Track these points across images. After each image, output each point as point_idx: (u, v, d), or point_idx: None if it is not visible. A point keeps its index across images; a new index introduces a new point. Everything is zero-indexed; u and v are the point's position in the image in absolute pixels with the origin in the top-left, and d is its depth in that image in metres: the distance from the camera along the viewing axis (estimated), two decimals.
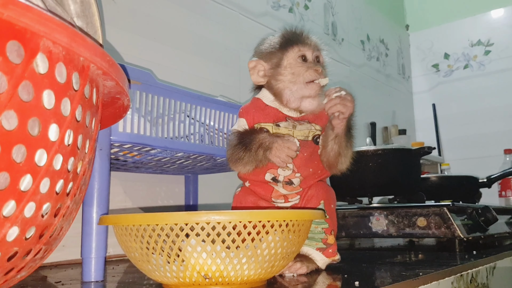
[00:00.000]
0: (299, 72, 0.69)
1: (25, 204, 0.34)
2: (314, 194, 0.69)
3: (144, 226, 0.49)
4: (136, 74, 0.73)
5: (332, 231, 0.69)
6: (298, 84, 0.69)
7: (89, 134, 0.43)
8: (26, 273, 0.41)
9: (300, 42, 0.71)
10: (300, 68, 0.69)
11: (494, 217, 1.03)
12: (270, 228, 0.51)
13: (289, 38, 0.71)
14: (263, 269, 0.53)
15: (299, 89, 0.69)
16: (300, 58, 0.70)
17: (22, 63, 0.32)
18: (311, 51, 0.71)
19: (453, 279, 0.69)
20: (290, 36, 0.71)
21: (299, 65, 0.70)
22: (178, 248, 0.49)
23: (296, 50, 0.70)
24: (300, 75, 0.69)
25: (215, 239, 0.49)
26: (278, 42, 0.72)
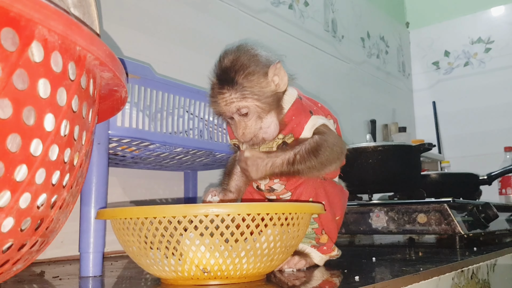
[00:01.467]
0: (232, 129, 0.68)
1: (20, 195, 0.34)
2: (303, 191, 0.68)
3: (142, 220, 0.49)
4: (135, 68, 0.73)
5: (322, 230, 0.68)
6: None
7: (86, 125, 0.42)
8: (22, 266, 0.41)
9: (216, 103, 0.66)
10: (231, 126, 0.68)
11: (494, 214, 1.03)
12: (269, 221, 0.50)
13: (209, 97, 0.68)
14: (262, 263, 0.52)
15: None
16: (226, 119, 0.68)
17: (17, 51, 0.32)
18: (228, 109, 0.65)
19: (454, 274, 0.69)
20: (210, 94, 0.67)
21: (229, 122, 0.68)
22: (176, 242, 0.49)
23: (214, 111, 0.68)
24: (234, 132, 0.68)
25: (214, 232, 0.48)
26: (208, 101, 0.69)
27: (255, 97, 0.64)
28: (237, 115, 0.65)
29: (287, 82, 0.68)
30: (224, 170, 0.76)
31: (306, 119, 0.67)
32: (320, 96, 1.87)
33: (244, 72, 0.64)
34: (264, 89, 0.65)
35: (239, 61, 0.65)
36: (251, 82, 0.64)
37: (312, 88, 1.83)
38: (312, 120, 0.68)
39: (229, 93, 0.64)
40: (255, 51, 0.67)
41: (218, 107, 0.66)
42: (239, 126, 0.65)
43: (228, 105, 0.64)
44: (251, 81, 0.64)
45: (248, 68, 0.64)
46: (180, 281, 0.53)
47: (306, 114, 0.68)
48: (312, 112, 0.69)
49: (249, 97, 0.64)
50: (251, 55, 0.66)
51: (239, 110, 0.64)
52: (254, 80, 0.64)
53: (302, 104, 0.69)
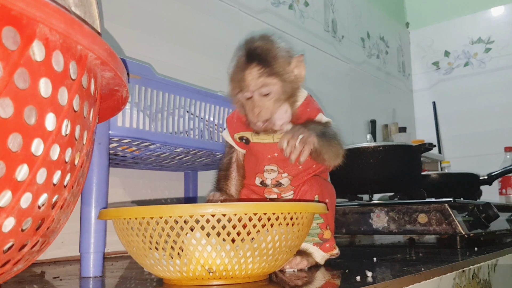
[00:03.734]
0: (244, 108, 0.68)
1: (21, 195, 0.34)
2: (308, 189, 0.68)
3: (147, 219, 0.48)
4: (136, 68, 0.72)
5: (327, 225, 0.68)
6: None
7: (87, 125, 0.42)
8: (23, 266, 0.40)
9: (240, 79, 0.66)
10: (243, 104, 0.68)
11: (495, 213, 1.03)
12: (275, 221, 0.50)
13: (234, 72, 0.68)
14: (266, 263, 0.52)
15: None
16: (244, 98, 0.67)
17: (18, 50, 0.32)
18: (252, 86, 0.65)
19: (455, 274, 0.69)
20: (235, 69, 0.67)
21: (242, 101, 0.68)
22: (182, 242, 0.48)
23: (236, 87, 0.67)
24: (246, 112, 0.68)
25: (220, 232, 0.48)
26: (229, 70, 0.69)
27: (280, 78, 0.66)
28: (257, 93, 0.65)
29: (304, 76, 0.70)
30: (219, 174, 0.75)
31: (317, 113, 0.70)
32: (320, 96, 1.87)
33: (274, 54, 0.66)
34: (288, 75, 0.67)
35: (268, 45, 0.67)
36: (279, 64, 0.66)
37: (312, 88, 1.83)
38: (319, 116, 0.70)
39: (257, 68, 0.65)
40: (280, 42, 0.70)
41: (243, 81, 0.65)
42: (257, 105, 0.65)
43: (255, 79, 0.65)
44: (279, 63, 0.66)
45: (278, 53, 0.67)
46: (184, 282, 0.52)
47: (316, 109, 0.71)
48: (321, 110, 0.72)
49: (276, 76, 0.65)
50: (278, 44, 0.69)
51: (264, 86, 0.65)
52: (281, 63, 0.66)
53: (313, 100, 0.72)
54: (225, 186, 0.73)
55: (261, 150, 0.70)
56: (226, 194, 0.72)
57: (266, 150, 0.70)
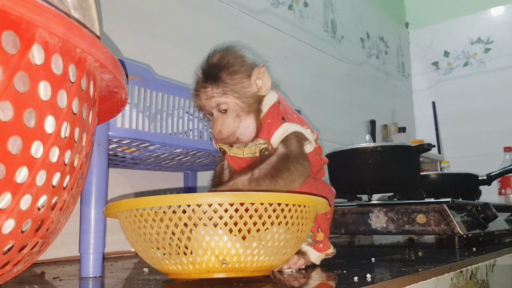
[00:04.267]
0: (211, 126, 0.69)
1: (21, 197, 0.34)
2: (299, 191, 0.67)
3: (164, 209, 0.48)
4: (135, 69, 0.73)
5: (318, 228, 0.69)
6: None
7: (86, 127, 0.43)
8: (23, 267, 0.41)
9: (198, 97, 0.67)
10: (210, 123, 0.69)
11: (493, 214, 1.03)
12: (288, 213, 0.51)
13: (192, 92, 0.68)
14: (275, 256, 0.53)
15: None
16: (206, 114, 0.69)
17: (18, 54, 0.32)
18: (209, 104, 0.66)
19: (453, 275, 0.69)
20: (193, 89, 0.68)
21: (209, 118, 0.69)
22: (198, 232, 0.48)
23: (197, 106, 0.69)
24: (212, 129, 0.69)
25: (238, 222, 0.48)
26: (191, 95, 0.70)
27: (235, 95, 0.65)
28: (216, 110, 0.66)
29: (270, 86, 0.68)
30: (213, 180, 0.76)
31: (277, 125, 0.67)
32: (320, 97, 1.87)
33: (229, 70, 0.65)
34: (246, 89, 0.66)
35: (225, 60, 0.66)
36: (233, 80, 0.65)
37: (312, 88, 1.83)
38: (283, 127, 0.67)
39: (211, 88, 0.65)
40: (242, 53, 0.68)
41: (199, 100, 0.67)
42: (217, 122, 0.67)
43: (209, 99, 0.66)
44: (234, 79, 0.65)
45: (232, 67, 0.66)
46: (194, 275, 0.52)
47: (278, 120, 0.68)
48: (286, 119, 0.68)
49: (229, 94, 0.65)
50: (238, 56, 0.67)
51: (218, 105, 0.66)
52: (236, 79, 0.66)
53: (278, 108, 0.69)
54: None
55: (236, 163, 0.72)
56: None
57: (239, 163, 0.71)
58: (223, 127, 0.66)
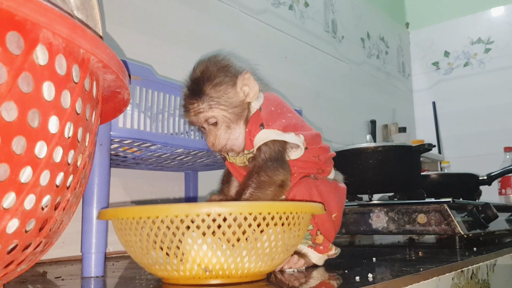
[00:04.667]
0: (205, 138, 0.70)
1: (25, 196, 0.34)
2: (296, 193, 0.67)
3: (144, 219, 0.49)
4: (136, 69, 0.73)
5: (317, 231, 0.68)
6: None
7: (89, 127, 0.43)
8: (26, 266, 0.41)
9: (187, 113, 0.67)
10: (204, 135, 0.70)
11: (494, 214, 1.03)
12: (271, 221, 0.51)
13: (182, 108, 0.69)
14: (263, 262, 0.53)
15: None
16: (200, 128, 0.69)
17: (22, 54, 0.32)
18: (198, 119, 0.66)
19: (454, 275, 0.69)
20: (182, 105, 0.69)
21: (202, 131, 0.69)
22: (178, 241, 0.49)
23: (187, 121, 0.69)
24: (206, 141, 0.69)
25: (216, 231, 0.49)
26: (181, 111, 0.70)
27: (221, 107, 0.65)
28: (206, 124, 0.67)
29: (257, 91, 0.67)
30: (222, 178, 0.77)
31: (255, 133, 0.67)
32: (320, 97, 1.88)
33: (212, 82, 0.65)
34: (232, 99, 0.66)
35: (208, 72, 0.66)
36: (218, 92, 0.65)
37: (312, 88, 1.84)
38: (261, 134, 0.66)
39: (197, 104, 0.65)
40: (225, 62, 0.68)
41: (188, 117, 0.67)
42: (209, 136, 0.67)
43: (197, 115, 0.66)
44: (219, 91, 0.65)
45: (216, 79, 0.65)
46: (182, 281, 0.53)
47: (256, 127, 0.67)
48: (264, 125, 0.67)
49: (215, 107, 0.65)
50: (221, 66, 0.67)
51: (207, 120, 0.66)
52: (221, 90, 0.65)
53: (258, 116, 0.68)
54: (226, 189, 0.74)
55: (234, 170, 0.73)
56: (225, 196, 0.72)
57: (237, 169, 0.72)
58: (216, 140, 0.67)
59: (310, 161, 0.70)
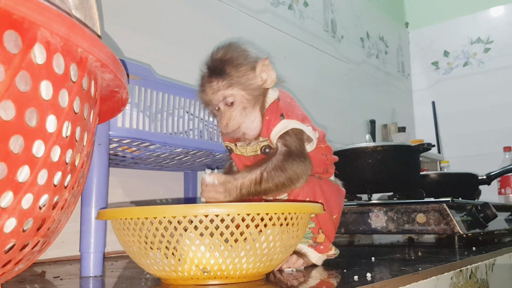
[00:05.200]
0: (218, 121, 0.69)
1: (22, 196, 0.34)
2: (299, 192, 0.67)
3: (142, 220, 0.49)
4: (135, 69, 0.73)
5: (319, 229, 0.68)
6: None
7: (87, 126, 0.43)
8: (24, 266, 0.41)
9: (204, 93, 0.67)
10: (217, 118, 0.69)
11: (493, 213, 1.03)
12: (269, 221, 0.51)
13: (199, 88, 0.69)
14: (261, 263, 0.52)
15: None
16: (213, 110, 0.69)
17: (20, 53, 0.32)
18: (215, 98, 0.67)
19: (453, 274, 0.69)
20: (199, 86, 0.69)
21: (216, 114, 0.69)
22: (176, 242, 0.49)
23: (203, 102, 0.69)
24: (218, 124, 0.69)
25: (214, 232, 0.49)
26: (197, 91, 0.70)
27: (241, 86, 0.66)
28: (223, 104, 0.66)
29: (274, 79, 0.69)
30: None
31: (276, 122, 0.67)
32: (320, 96, 1.87)
33: (233, 63, 0.66)
34: (251, 81, 0.67)
35: (229, 54, 0.67)
36: (238, 73, 0.66)
37: (312, 88, 1.84)
38: (281, 123, 0.67)
39: (216, 82, 0.66)
40: (245, 47, 0.69)
41: (205, 95, 0.67)
42: (224, 116, 0.67)
43: (215, 93, 0.66)
44: (239, 71, 0.66)
45: (237, 60, 0.66)
46: (180, 281, 0.53)
47: (277, 117, 0.67)
48: (284, 115, 0.68)
49: (235, 86, 0.66)
50: (241, 50, 0.68)
51: (225, 98, 0.66)
52: (242, 71, 0.66)
53: (277, 106, 0.69)
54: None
55: (241, 162, 0.72)
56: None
57: (244, 162, 0.71)
58: (230, 120, 0.66)
59: (318, 159, 0.71)
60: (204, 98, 0.68)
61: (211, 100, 0.67)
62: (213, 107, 0.68)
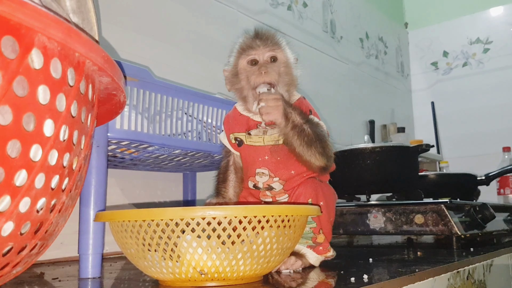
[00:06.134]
0: (247, 77, 0.69)
1: (20, 199, 0.34)
2: (302, 192, 0.68)
3: (140, 222, 0.49)
4: (133, 71, 0.73)
5: (320, 229, 0.69)
6: (250, 90, 0.69)
7: (85, 130, 0.43)
8: (22, 268, 0.41)
9: (251, 46, 0.70)
10: (248, 72, 0.70)
11: (491, 214, 1.04)
12: (266, 224, 0.51)
13: (243, 44, 0.72)
14: (259, 265, 0.53)
15: (251, 96, 0.69)
16: (250, 62, 0.70)
17: (17, 58, 0.32)
18: (261, 53, 0.70)
19: (450, 275, 0.70)
20: (245, 41, 0.72)
21: (248, 69, 0.70)
22: (173, 244, 0.49)
23: (245, 55, 0.70)
24: (248, 80, 0.69)
25: (211, 235, 0.49)
26: (235, 49, 0.72)
27: (286, 55, 0.71)
28: (264, 58, 0.70)
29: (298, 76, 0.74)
30: (218, 177, 0.76)
31: (308, 113, 0.70)
32: (319, 97, 1.88)
33: (279, 40, 0.72)
34: (291, 59, 0.72)
35: (271, 33, 0.73)
36: (285, 49, 0.72)
37: (311, 88, 1.84)
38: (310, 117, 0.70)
39: (265, 42, 0.70)
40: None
41: (251, 47, 0.70)
42: (262, 67, 0.68)
43: (265, 47, 0.70)
44: (286, 49, 0.72)
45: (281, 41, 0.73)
46: (178, 283, 0.53)
47: (306, 111, 0.70)
48: (312, 112, 0.71)
49: (282, 51, 0.71)
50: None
51: (271, 56, 0.70)
52: (287, 51, 0.72)
53: (305, 102, 0.73)
54: (223, 189, 0.74)
55: (253, 153, 0.71)
56: (223, 198, 0.72)
57: (257, 153, 0.70)
58: (270, 70, 0.68)
59: None
60: (248, 51, 0.70)
61: (256, 52, 0.70)
62: (251, 58, 0.70)
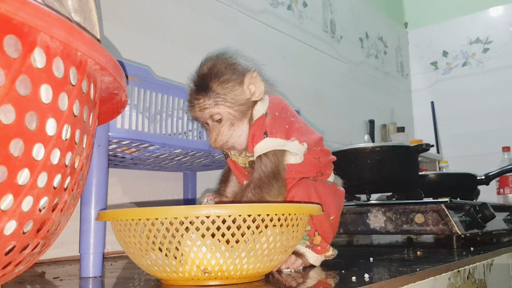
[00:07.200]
0: (207, 134, 0.70)
1: (22, 198, 0.34)
2: (296, 194, 0.68)
3: (144, 221, 0.49)
4: (134, 70, 0.73)
5: (315, 232, 0.69)
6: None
7: (87, 129, 0.43)
8: (24, 267, 0.41)
9: (191, 103, 0.68)
10: (207, 131, 0.70)
11: (491, 214, 1.04)
12: (269, 222, 0.51)
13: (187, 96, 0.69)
14: (261, 263, 0.53)
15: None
16: (203, 124, 0.70)
17: (20, 58, 0.32)
18: (200, 114, 0.67)
19: (450, 274, 0.70)
20: (188, 94, 0.69)
21: (206, 127, 0.70)
22: (177, 242, 0.49)
23: (190, 111, 0.69)
24: (208, 137, 0.70)
25: (215, 233, 0.49)
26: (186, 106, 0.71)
27: (227, 104, 0.66)
28: (210, 120, 0.67)
29: (263, 90, 0.68)
30: (220, 177, 0.77)
31: (258, 139, 0.66)
32: (319, 97, 1.88)
33: (219, 79, 0.65)
34: (238, 97, 0.66)
35: (215, 69, 0.66)
36: (225, 89, 0.66)
37: (311, 88, 1.84)
38: (263, 143, 0.66)
39: (203, 99, 0.66)
40: (233, 60, 0.68)
41: (193, 112, 0.68)
42: (212, 132, 0.67)
43: (202, 111, 0.66)
44: (225, 88, 0.66)
45: (223, 76, 0.66)
46: (181, 282, 0.53)
47: (260, 135, 0.66)
48: (268, 133, 0.66)
49: (221, 104, 0.65)
50: (229, 63, 0.67)
51: (212, 116, 0.66)
52: (228, 88, 0.66)
53: (263, 121, 0.67)
54: (222, 188, 0.75)
55: (235, 168, 0.73)
56: (220, 196, 0.73)
57: (238, 169, 0.72)
58: (218, 136, 0.67)
59: (310, 164, 0.70)
60: (192, 114, 0.68)
61: (199, 117, 0.68)
62: (202, 122, 0.69)
